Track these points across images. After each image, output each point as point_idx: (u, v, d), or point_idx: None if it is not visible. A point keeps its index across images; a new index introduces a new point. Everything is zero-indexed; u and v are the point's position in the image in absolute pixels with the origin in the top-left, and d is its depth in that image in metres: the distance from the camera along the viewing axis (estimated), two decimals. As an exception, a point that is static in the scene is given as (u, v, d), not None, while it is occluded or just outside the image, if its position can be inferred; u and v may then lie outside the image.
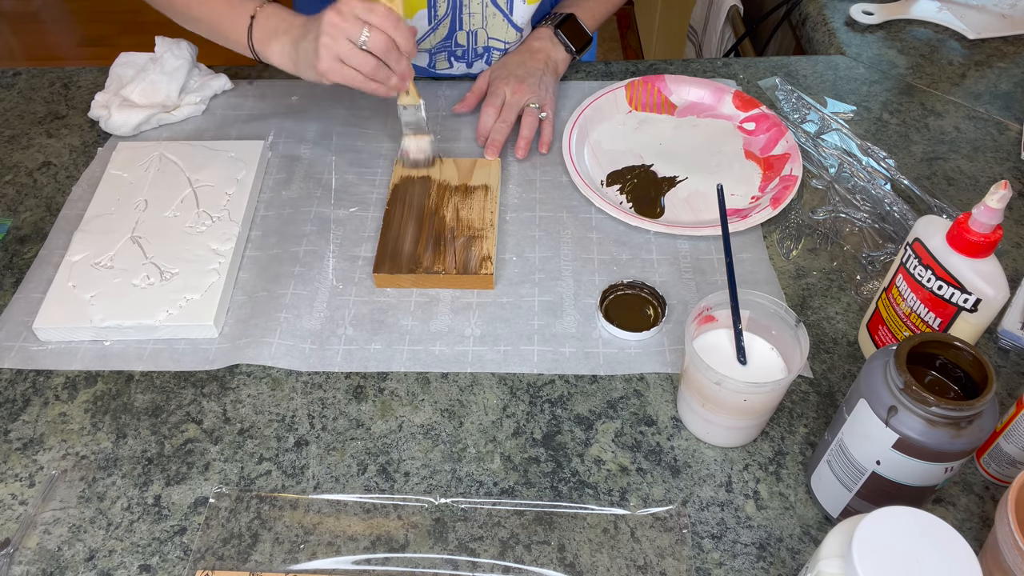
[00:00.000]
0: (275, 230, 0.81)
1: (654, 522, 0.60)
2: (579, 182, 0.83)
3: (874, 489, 0.54)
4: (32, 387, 0.69)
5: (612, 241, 0.79)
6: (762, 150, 0.88)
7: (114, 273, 0.74)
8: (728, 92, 0.93)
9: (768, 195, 0.83)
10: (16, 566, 0.58)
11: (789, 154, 0.85)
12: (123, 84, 0.92)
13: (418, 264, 0.75)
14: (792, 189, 0.81)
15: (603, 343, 0.71)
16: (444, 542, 0.59)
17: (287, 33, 0.76)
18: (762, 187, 0.85)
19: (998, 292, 0.57)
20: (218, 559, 0.58)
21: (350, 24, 0.70)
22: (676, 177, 0.86)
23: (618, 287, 0.74)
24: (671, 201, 0.84)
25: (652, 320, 0.72)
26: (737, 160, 0.88)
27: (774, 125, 0.89)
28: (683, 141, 0.91)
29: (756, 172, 0.87)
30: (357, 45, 0.71)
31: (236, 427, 0.66)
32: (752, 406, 0.59)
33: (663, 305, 0.72)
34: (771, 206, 0.80)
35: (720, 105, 0.94)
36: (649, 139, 0.91)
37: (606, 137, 0.91)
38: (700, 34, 1.75)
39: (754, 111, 0.91)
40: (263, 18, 0.78)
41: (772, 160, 0.87)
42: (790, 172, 0.83)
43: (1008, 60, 1.03)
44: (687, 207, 0.83)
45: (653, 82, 0.95)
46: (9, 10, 2.86)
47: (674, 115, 0.94)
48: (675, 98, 0.95)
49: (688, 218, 0.82)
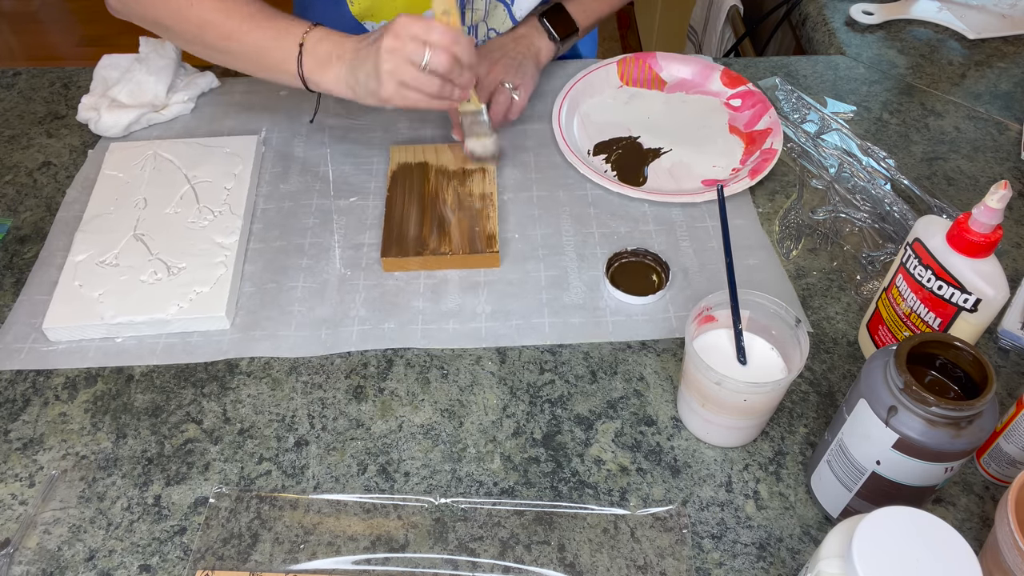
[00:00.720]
0: (277, 223, 0.81)
1: (654, 522, 0.60)
2: (566, 150, 0.86)
3: (874, 489, 0.54)
4: (32, 387, 0.69)
5: (609, 215, 0.82)
6: (746, 125, 0.91)
7: (120, 271, 0.74)
8: (717, 70, 0.96)
9: (747, 167, 0.85)
10: (16, 566, 0.58)
11: (771, 128, 0.88)
12: (109, 86, 0.92)
13: (424, 246, 0.76)
14: (770, 162, 0.84)
15: (610, 312, 0.73)
16: (444, 542, 0.59)
17: (341, 59, 0.72)
18: (743, 160, 0.88)
19: (998, 292, 0.57)
20: (218, 559, 0.58)
21: (410, 47, 0.67)
22: (661, 149, 0.89)
23: (622, 255, 0.77)
24: (654, 171, 0.87)
25: (657, 285, 0.75)
26: (721, 135, 0.91)
27: (759, 101, 0.91)
28: (671, 116, 0.93)
29: (739, 146, 0.90)
30: (420, 68, 0.67)
31: (236, 427, 0.66)
32: (752, 406, 0.59)
33: (666, 270, 0.75)
34: (749, 177, 0.83)
35: (708, 82, 0.96)
36: (638, 113, 0.94)
37: (596, 110, 0.94)
38: (700, 34, 1.75)
39: (740, 88, 0.94)
40: (313, 44, 0.72)
41: (755, 135, 0.89)
42: (770, 145, 0.86)
43: (1008, 60, 1.03)
44: (669, 177, 0.86)
45: (644, 59, 0.97)
46: (9, 10, 2.85)
47: (664, 91, 0.96)
48: (665, 74, 0.98)
49: (670, 187, 0.85)
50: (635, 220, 0.81)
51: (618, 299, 0.74)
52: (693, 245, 0.79)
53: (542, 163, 0.88)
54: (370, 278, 0.76)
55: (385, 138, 0.90)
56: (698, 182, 0.85)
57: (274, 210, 0.83)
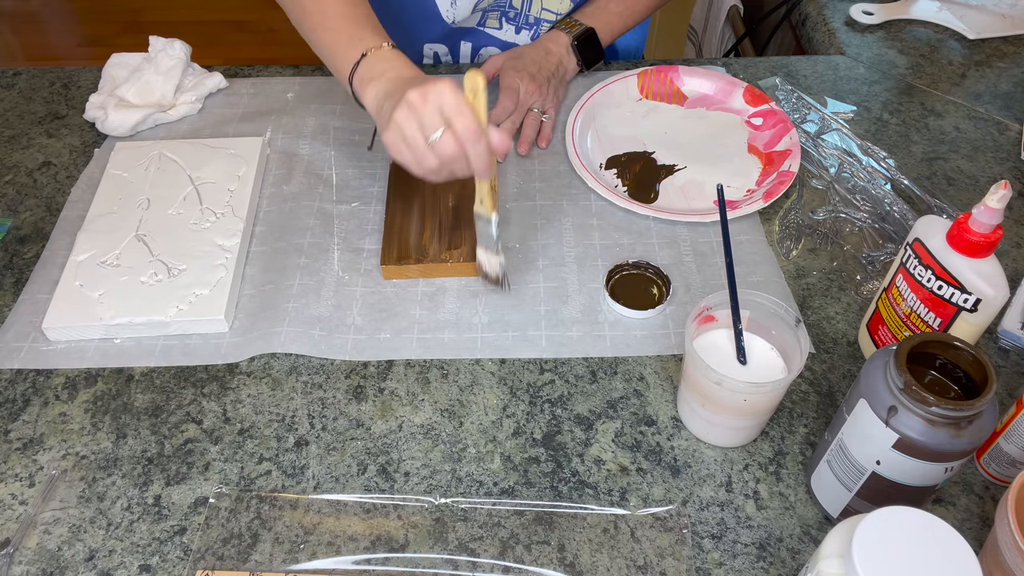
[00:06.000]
0: (278, 225, 0.81)
1: (654, 522, 0.60)
2: (577, 163, 0.84)
3: (874, 489, 0.54)
4: (32, 387, 0.69)
5: (613, 227, 0.81)
6: (765, 145, 0.89)
7: (121, 271, 0.74)
8: (740, 86, 0.94)
9: (763, 189, 0.83)
10: (16, 566, 0.58)
11: (790, 150, 0.86)
12: (117, 85, 0.92)
13: (424, 254, 0.76)
14: (786, 184, 0.82)
15: (609, 326, 0.72)
16: (444, 542, 0.59)
17: (383, 78, 0.69)
18: (759, 181, 0.85)
19: (998, 292, 0.57)
20: (218, 559, 0.58)
21: (429, 115, 0.63)
22: (675, 165, 0.87)
23: (623, 267, 0.75)
24: (666, 188, 0.85)
25: (657, 299, 0.74)
26: (739, 153, 0.89)
27: (780, 121, 0.89)
28: (689, 131, 0.92)
29: (756, 166, 0.87)
30: (426, 139, 0.63)
31: (236, 427, 0.66)
32: (752, 406, 0.59)
33: (667, 284, 0.74)
34: (763, 200, 0.81)
35: (730, 99, 0.94)
36: (655, 127, 0.92)
37: (612, 123, 0.92)
38: (700, 34, 1.75)
39: (763, 107, 0.92)
40: (372, 60, 0.70)
41: (773, 155, 0.87)
42: (788, 168, 0.84)
43: (1008, 60, 1.03)
44: (681, 195, 0.84)
45: (666, 72, 0.96)
46: (9, 10, 2.85)
47: (683, 105, 0.95)
48: (687, 89, 0.96)
49: (681, 206, 0.83)
50: (639, 233, 0.80)
51: (617, 312, 0.73)
52: (696, 260, 0.77)
53: (547, 171, 0.86)
54: (368, 284, 0.76)
55: None
56: (710, 202, 0.83)
57: (276, 212, 0.82)
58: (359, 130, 0.91)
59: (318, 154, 0.88)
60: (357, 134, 0.91)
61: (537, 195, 0.84)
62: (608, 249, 0.79)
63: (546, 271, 0.77)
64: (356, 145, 0.89)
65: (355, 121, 0.92)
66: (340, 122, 0.92)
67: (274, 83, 0.97)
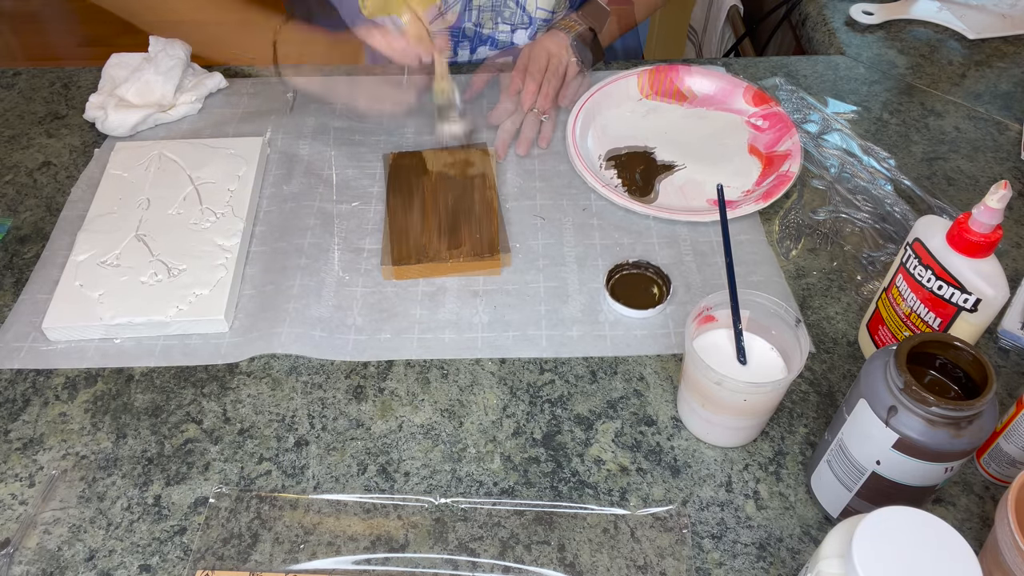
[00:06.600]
0: (279, 225, 0.81)
1: (654, 522, 0.60)
2: (577, 163, 0.84)
3: (874, 489, 0.54)
4: (32, 387, 0.69)
5: (613, 227, 0.81)
6: (766, 146, 0.89)
7: (121, 271, 0.74)
8: (741, 86, 0.93)
9: (761, 190, 0.83)
10: (16, 566, 0.58)
11: (791, 152, 0.86)
12: (116, 85, 0.92)
13: (425, 254, 0.76)
14: (784, 186, 0.82)
15: (609, 326, 0.72)
16: (444, 542, 0.59)
17: None
18: (758, 181, 0.85)
19: (998, 292, 0.57)
20: (218, 559, 0.58)
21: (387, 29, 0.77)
22: (675, 164, 0.87)
23: (623, 266, 0.75)
24: (665, 187, 0.85)
25: (657, 298, 0.73)
26: (739, 154, 0.89)
27: (782, 122, 0.89)
28: (690, 131, 0.92)
29: (756, 167, 0.87)
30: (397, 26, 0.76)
31: (236, 427, 0.66)
32: (752, 406, 0.59)
33: (667, 284, 0.74)
34: (762, 200, 0.81)
35: (732, 99, 0.94)
36: (656, 126, 0.92)
37: (613, 121, 0.92)
38: (700, 34, 1.75)
39: (766, 108, 0.91)
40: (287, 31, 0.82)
41: (774, 157, 0.87)
42: (788, 170, 0.84)
43: (1008, 60, 1.03)
44: (680, 194, 0.84)
45: (668, 71, 0.96)
46: (9, 10, 2.85)
47: (685, 105, 0.95)
48: (688, 89, 0.96)
49: (679, 204, 0.83)
50: (639, 233, 0.80)
51: (617, 312, 0.73)
52: (696, 260, 0.77)
53: (547, 171, 0.87)
54: (368, 284, 0.76)
55: (390, 142, 0.90)
56: (708, 201, 0.83)
57: (276, 212, 0.82)
58: (359, 130, 0.91)
59: (318, 153, 0.88)
60: (357, 134, 0.91)
61: (537, 195, 0.84)
62: (608, 249, 0.79)
63: (546, 271, 0.77)
64: (356, 145, 0.89)
65: (355, 121, 0.92)
66: (340, 122, 0.92)
67: (274, 83, 0.97)
